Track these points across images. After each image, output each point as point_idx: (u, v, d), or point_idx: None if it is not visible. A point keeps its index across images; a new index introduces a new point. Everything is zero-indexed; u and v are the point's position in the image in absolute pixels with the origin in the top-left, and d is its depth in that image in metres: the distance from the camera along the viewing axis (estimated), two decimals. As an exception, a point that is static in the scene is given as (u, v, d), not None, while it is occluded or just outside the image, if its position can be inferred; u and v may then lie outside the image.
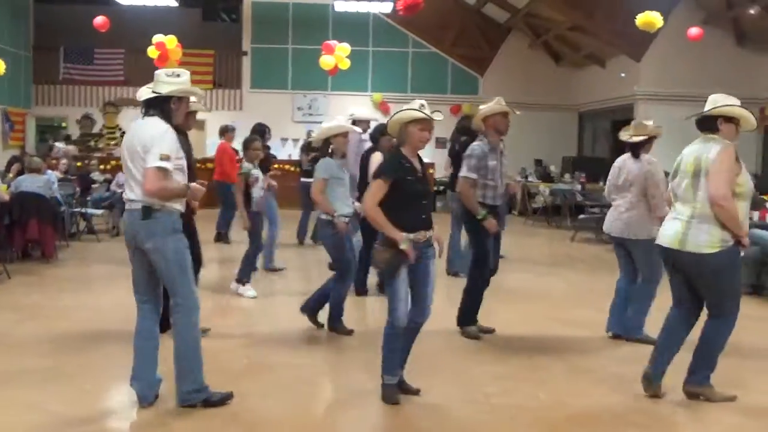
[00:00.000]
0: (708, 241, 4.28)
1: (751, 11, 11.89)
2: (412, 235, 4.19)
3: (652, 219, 5.64)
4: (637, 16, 10.34)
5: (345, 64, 13.49)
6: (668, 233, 4.48)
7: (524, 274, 9.06)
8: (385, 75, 18.66)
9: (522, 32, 18.33)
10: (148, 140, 3.94)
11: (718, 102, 4.44)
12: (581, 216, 12.41)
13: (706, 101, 4.47)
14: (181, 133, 4.57)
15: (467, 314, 6.02)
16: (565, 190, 14.02)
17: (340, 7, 16.03)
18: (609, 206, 6.20)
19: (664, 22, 10.77)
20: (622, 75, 15.22)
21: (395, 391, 4.41)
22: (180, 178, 4.12)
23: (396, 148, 4.45)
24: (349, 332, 6.02)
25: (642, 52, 14.37)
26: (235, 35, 19.20)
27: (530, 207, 16.01)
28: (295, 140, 17.50)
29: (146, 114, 4.15)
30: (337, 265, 6.14)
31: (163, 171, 3.94)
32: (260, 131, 8.91)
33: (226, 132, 11.04)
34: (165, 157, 3.92)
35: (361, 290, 7.46)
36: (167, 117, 4.12)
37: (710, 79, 13.89)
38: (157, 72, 4.20)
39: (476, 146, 5.85)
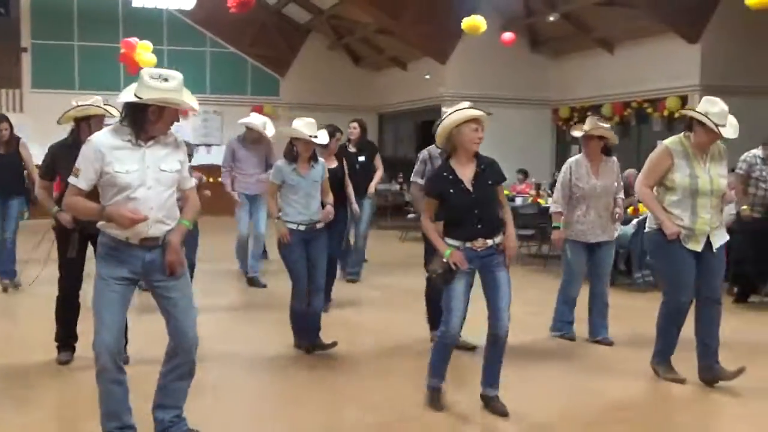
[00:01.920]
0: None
1: (551, 18, 12.37)
2: (458, 243, 4.07)
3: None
4: (463, 20, 10.37)
5: (150, 63, 12.21)
6: None
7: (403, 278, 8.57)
8: (183, 74, 17.18)
9: (322, 33, 17.90)
10: None
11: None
12: (409, 216, 12.14)
13: (505, 102, 4.73)
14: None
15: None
16: (385, 190, 13.79)
17: (138, 2, 14.49)
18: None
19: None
20: (427, 77, 15.34)
21: (438, 396, 4.26)
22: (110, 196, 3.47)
23: (445, 160, 4.24)
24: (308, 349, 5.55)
25: (447, 56, 14.58)
26: (11, 29, 16.76)
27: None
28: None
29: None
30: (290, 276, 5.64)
31: (72, 187, 3.47)
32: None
33: None
34: (74, 171, 3.44)
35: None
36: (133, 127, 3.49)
37: (508, 81, 14.57)
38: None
39: None
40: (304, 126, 5.41)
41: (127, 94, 3.39)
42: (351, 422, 4.30)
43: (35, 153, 8.25)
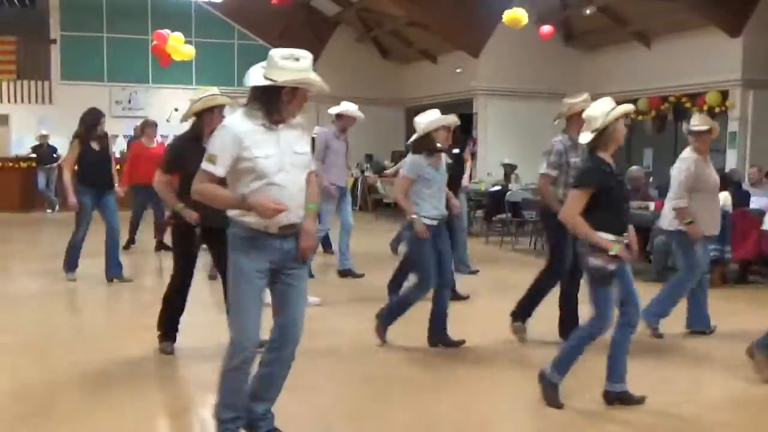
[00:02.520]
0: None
1: (587, 11, 12.19)
2: (613, 237, 4.02)
3: None
4: (503, 13, 10.12)
5: (186, 55, 12.20)
6: None
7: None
8: (211, 67, 17.15)
9: (351, 26, 17.82)
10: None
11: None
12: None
13: (538, 96, 4.72)
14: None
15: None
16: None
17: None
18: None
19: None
20: (458, 70, 15.18)
21: (557, 392, 4.18)
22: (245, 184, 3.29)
23: (591, 153, 4.24)
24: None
25: (479, 49, 14.47)
26: (39, 21, 16.80)
27: (370, 201, 15.53)
28: (115, 136, 15.70)
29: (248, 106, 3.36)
30: (417, 268, 5.50)
31: (204, 173, 3.27)
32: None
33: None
34: (207, 158, 3.25)
35: None
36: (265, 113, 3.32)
37: (542, 75, 14.41)
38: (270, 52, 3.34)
39: None
40: (444, 117, 5.39)
41: (257, 77, 3.23)
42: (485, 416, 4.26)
43: (65, 144, 8.36)
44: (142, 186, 8.54)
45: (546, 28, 11.70)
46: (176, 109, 13.42)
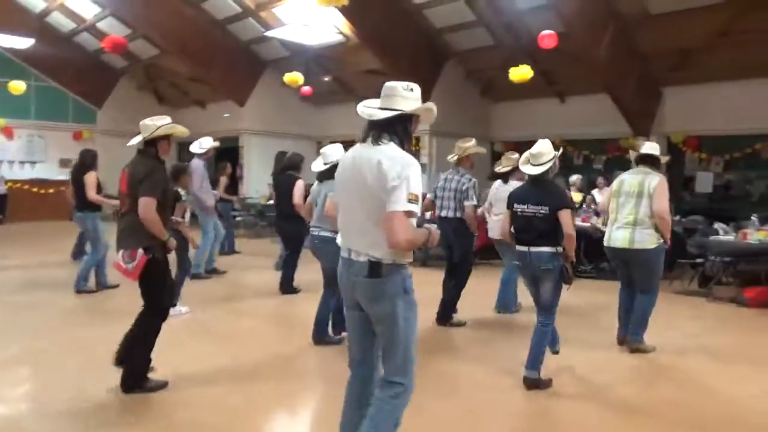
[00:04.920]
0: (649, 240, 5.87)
1: (326, 78, 16.59)
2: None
3: None
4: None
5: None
6: (619, 237, 5.97)
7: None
8: (9, 104, 18.70)
9: (134, 77, 20.56)
10: (394, 174, 2.89)
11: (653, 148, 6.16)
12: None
13: (286, 135, 7.87)
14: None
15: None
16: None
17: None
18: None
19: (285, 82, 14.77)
20: (226, 115, 18.81)
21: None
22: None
23: (545, 180, 5.07)
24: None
25: (245, 100, 18.21)
26: None
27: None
28: None
29: (378, 138, 3.05)
30: (329, 278, 5.96)
31: (412, 215, 2.92)
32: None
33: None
34: (414, 198, 2.89)
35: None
36: (402, 144, 3.07)
37: (288, 121, 18.73)
38: (390, 84, 3.14)
39: None
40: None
41: (374, 110, 3.07)
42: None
43: None
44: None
45: (306, 88, 15.37)
46: None
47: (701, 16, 11.25)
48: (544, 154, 4.97)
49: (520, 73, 10.74)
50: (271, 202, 15.27)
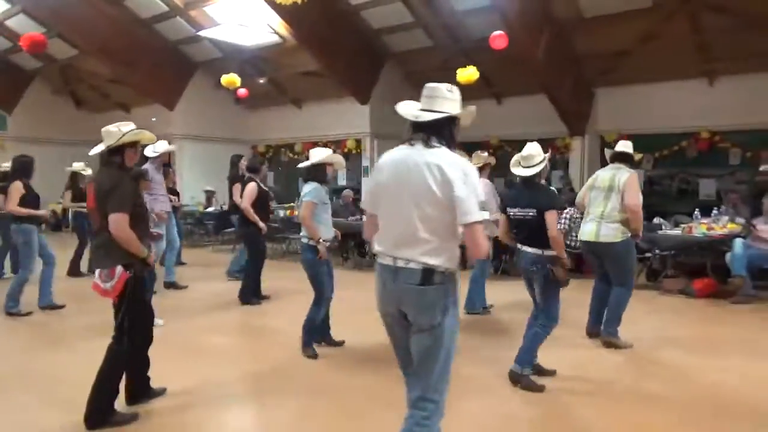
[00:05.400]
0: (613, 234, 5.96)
1: (261, 81, 16.16)
2: None
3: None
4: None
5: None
6: (587, 230, 6.10)
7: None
8: None
9: (48, 79, 19.43)
10: (460, 182, 2.76)
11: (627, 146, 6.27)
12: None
13: (219, 140, 7.82)
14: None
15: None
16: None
17: None
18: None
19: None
20: (153, 119, 18.03)
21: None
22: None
23: (535, 182, 5.08)
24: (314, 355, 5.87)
25: (174, 103, 17.51)
26: None
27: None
28: None
29: (428, 141, 2.90)
30: (317, 289, 5.78)
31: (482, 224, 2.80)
32: None
33: None
34: (481, 207, 2.79)
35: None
36: (450, 148, 2.95)
37: (220, 125, 18.21)
38: (432, 85, 3.01)
39: None
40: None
41: (414, 111, 2.96)
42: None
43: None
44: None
45: (242, 91, 14.93)
46: None
47: (630, 20, 11.58)
48: (534, 156, 4.97)
49: (467, 74, 10.73)
50: (212, 209, 15.00)
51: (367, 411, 4.57)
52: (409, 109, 2.99)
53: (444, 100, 2.95)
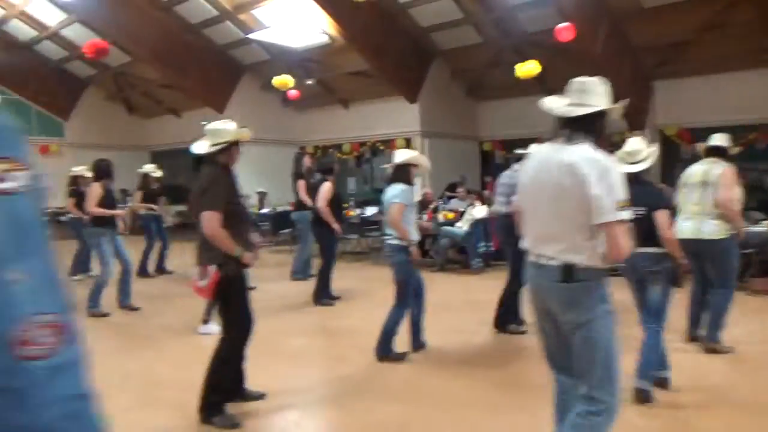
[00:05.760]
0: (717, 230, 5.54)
1: (309, 82, 16.06)
2: None
3: None
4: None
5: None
6: (685, 228, 5.60)
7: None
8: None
9: (102, 86, 19.68)
10: (594, 180, 2.64)
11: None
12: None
13: (275, 142, 7.86)
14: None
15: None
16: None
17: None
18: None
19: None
20: (204, 123, 18.05)
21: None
22: None
23: None
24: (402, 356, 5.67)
25: (224, 106, 17.46)
26: None
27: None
28: None
29: (571, 138, 2.79)
30: (401, 290, 5.57)
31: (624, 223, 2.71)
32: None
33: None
34: (623, 206, 2.67)
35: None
36: (598, 144, 2.78)
37: (273, 127, 18.17)
38: (582, 79, 2.89)
39: None
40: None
41: (563, 107, 2.83)
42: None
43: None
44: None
45: (293, 92, 14.94)
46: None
47: (692, 9, 11.14)
48: (641, 151, 4.67)
49: (528, 68, 10.41)
50: (266, 210, 15.02)
51: (471, 416, 4.39)
52: (557, 105, 2.88)
53: (594, 94, 2.85)
